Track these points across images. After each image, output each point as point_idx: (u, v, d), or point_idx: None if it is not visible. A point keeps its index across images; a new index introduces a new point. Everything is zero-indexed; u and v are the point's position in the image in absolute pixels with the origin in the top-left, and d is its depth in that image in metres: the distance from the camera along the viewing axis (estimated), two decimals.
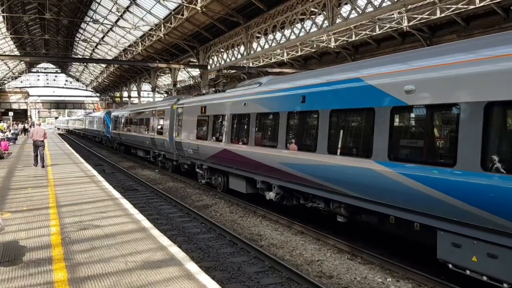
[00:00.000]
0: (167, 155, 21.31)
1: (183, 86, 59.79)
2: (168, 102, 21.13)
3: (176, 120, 19.07)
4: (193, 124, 16.82)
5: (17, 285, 5.22)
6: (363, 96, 8.01)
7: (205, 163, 15.94)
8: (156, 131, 22.26)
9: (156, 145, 22.41)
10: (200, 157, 16.16)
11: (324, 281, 7.63)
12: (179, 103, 19.07)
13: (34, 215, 8.83)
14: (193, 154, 16.85)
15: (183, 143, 17.82)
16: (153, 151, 24.01)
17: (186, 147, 17.41)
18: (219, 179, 15.46)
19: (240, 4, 26.81)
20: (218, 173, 15.39)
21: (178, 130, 18.58)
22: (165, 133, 20.62)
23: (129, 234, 7.43)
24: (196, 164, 17.06)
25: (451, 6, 21.32)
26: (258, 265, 8.40)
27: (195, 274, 5.55)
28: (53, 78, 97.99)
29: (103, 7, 39.98)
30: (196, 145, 16.22)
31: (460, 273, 6.60)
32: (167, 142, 20.29)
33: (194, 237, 10.34)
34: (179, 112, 18.71)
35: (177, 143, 18.63)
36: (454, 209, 6.19)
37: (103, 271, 5.64)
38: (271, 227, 11.21)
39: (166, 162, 22.27)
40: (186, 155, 17.75)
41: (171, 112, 19.99)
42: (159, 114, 22.12)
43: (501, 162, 5.64)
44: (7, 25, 44.36)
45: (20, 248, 6.64)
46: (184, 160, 18.56)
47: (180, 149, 18.43)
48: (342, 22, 21.08)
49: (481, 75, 5.95)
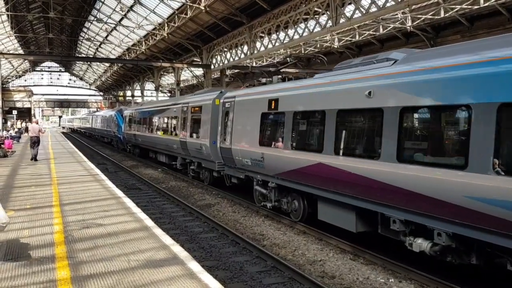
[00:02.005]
0: (204, 164, 16.88)
1: (187, 85, 59.90)
2: (207, 96, 16.80)
3: (222, 119, 14.72)
4: (253, 124, 12.47)
5: (20, 283, 5.23)
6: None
7: (273, 179, 11.66)
8: (189, 133, 17.92)
9: (188, 150, 17.99)
10: (265, 171, 11.87)
11: (326, 281, 7.62)
12: (227, 96, 14.80)
13: (37, 213, 8.85)
14: (251, 166, 12.59)
15: (234, 150, 13.50)
16: (182, 158, 19.57)
17: (240, 156, 13.14)
18: (295, 203, 11.21)
19: (244, 4, 26.81)
20: (295, 195, 11.21)
21: (226, 132, 14.22)
22: (203, 136, 16.31)
23: (131, 233, 7.45)
24: (255, 179, 12.73)
25: (455, 6, 21.26)
26: (261, 265, 8.40)
27: (198, 273, 5.55)
28: (57, 77, 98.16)
29: (107, 6, 40.00)
30: (259, 154, 11.93)
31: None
32: (206, 148, 15.88)
33: (197, 236, 10.35)
34: (227, 108, 14.38)
35: (224, 150, 14.31)
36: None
37: (105, 270, 5.65)
38: (274, 227, 11.21)
39: (201, 172, 17.77)
40: (239, 166, 13.49)
41: (212, 108, 15.66)
42: (194, 112, 17.72)
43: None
44: (11, 23, 44.48)
45: (23, 246, 6.66)
46: (233, 172, 14.28)
47: (227, 157, 14.15)
48: (345, 22, 21.06)
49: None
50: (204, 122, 16.40)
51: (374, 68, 8.40)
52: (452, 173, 6.39)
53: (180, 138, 18.79)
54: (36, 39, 61.26)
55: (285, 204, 11.63)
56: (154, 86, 55.27)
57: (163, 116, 22.57)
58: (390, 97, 7.66)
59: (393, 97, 7.59)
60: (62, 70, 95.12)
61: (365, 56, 9.71)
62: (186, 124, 18.34)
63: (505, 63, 5.88)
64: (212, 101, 15.75)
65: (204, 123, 16.33)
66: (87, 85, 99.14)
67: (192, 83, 58.19)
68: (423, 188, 6.81)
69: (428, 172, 6.74)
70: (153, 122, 24.49)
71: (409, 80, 7.38)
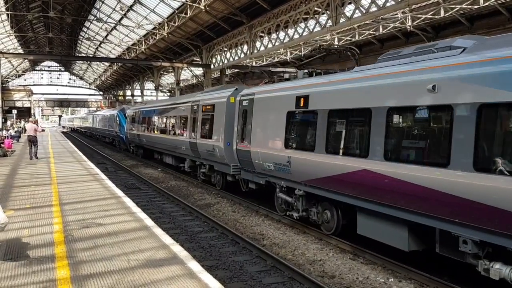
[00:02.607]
0: (216, 167, 15.65)
1: (186, 85, 59.90)
2: (221, 93, 15.48)
3: (239, 118, 13.39)
4: (277, 124, 11.17)
5: (20, 282, 5.24)
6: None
7: (301, 186, 10.33)
8: (200, 133, 16.59)
9: (199, 152, 16.69)
10: (292, 177, 10.58)
11: (326, 280, 7.62)
12: (245, 93, 13.39)
13: (37, 213, 8.85)
14: (274, 171, 11.35)
15: (253, 152, 12.24)
16: (191, 160, 18.32)
17: (261, 159, 11.87)
18: (326, 214, 9.90)
19: (244, 3, 26.81)
20: (327, 204, 9.90)
21: (243, 133, 12.99)
22: (216, 137, 15.05)
23: (131, 233, 7.44)
24: (278, 185, 11.45)
25: (455, 6, 21.26)
26: (260, 264, 8.40)
27: (198, 273, 5.56)
28: (57, 76, 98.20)
29: (107, 6, 40.00)
30: (284, 158, 10.61)
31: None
32: (219, 150, 14.70)
33: (197, 236, 10.35)
34: (245, 106, 13.06)
35: (241, 152, 13.04)
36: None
37: (105, 269, 5.65)
38: (273, 227, 11.21)
39: (213, 175, 16.41)
40: (259, 170, 12.23)
41: (227, 107, 14.45)
42: (206, 110, 16.29)
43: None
44: (11, 23, 44.45)
45: (23, 245, 6.66)
46: (251, 176, 13.00)
47: (245, 160, 12.90)
48: (345, 22, 21.06)
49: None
50: (217, 122, 15.14)
51: (436, 58, 7.09)
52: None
53: (190, 139, 17.54)
54: (36, 39, 61.26)
55: (315, 214, 10.29)
56: (154, 85, 55.28)
57: (170, 115, 21.27)
58: (463, 92, 6.34)
59: (469, 91, 6.26)
60: (62, 69, 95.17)
61: (417, 45, 8.52)
62: (197, 124, 17.03)
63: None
64: (227, 99, 14.50)
65: (218, 122, 15.07)
66: (87, 84, 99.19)
67: (192, 82, 58.19)
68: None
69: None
70: (159, 122, 23.33)
71: (493, 71, 6.00)
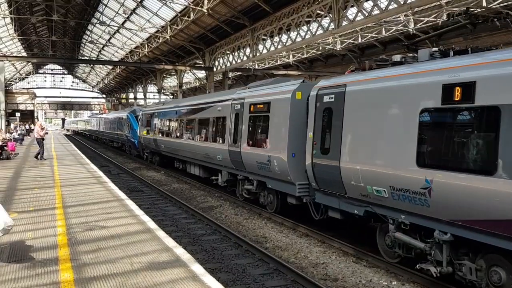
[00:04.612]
0: (270, 184, 12.09)
1: (189, 87, 60.04)
2: (281, 88, 11.90)
3: (316, 120, 9.79)
4: (396, 129, 7.60)
5: (24, 285, 5.25)
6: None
7: (444, 227, 6.72)
8: (246, 139, 13.01)
9: (244, 163, 13.16)
10: (430, 212, 6.89)
11: (329, 284, 7.61)
12: (326, 86, 9.64)
13: (41, 216, 8.87)
14: (388, 199, 7.69)
15: (346, 169, 8.65)
16: (228, 171, 14.75)
17: (361, 180, 8.27)
18: (492, 274, 6.28)
19: (246, 6, 26.88)
20: (492, 258, 6.33)
21: (325, 141, 9.43)
22: (274, 145, 11.57)
23: (134, 235, 7.45)
24: (395, 220, 7.79)
25: (457, 9, 21.28)
26: (263, 267, 8.40)
27: (201, 276, 5.56)
28: (60, 79, 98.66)
29: (110, 9, 40.17)
30: (416, 182, 6.96)
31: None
32: (280, 163, 11.17)
33: (199, 239, 10.36)
34: (328, 103, 9.42)
35: (322, 168, 9.43)
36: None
37: (109, 272, 5.66)
38: (276, 230, 11.21)
39: (263, 194, 12.96)
40: (355, 195, 8.61)
41: (292, 106, 10.97)
42: (255, 110, 12.80)
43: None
44: (14, 26, 44.74)
45: (26, 248, 6.68)
46: (336, 202, 9.39)
47: (328, 179, 9.29)
48: (348, 25, 21.09)
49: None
50: (275, 126, 11.67)
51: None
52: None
53: (229, 147, 13.91)
54: (39, 42, 61.58)
55: (469, 272, 6.63)
56: (156, 88, 55.43)
57: (199, 117, 17.40)
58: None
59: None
60: (65, 72, 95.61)
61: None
62: (240, 127, 13.40)
63: None
64: (291, 95, 11.00)
65: (276, 126, 11.61)
66: (90, 87, 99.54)
67: (195, 85, 58.33)
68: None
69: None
70: (183, 125, 19.63)
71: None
